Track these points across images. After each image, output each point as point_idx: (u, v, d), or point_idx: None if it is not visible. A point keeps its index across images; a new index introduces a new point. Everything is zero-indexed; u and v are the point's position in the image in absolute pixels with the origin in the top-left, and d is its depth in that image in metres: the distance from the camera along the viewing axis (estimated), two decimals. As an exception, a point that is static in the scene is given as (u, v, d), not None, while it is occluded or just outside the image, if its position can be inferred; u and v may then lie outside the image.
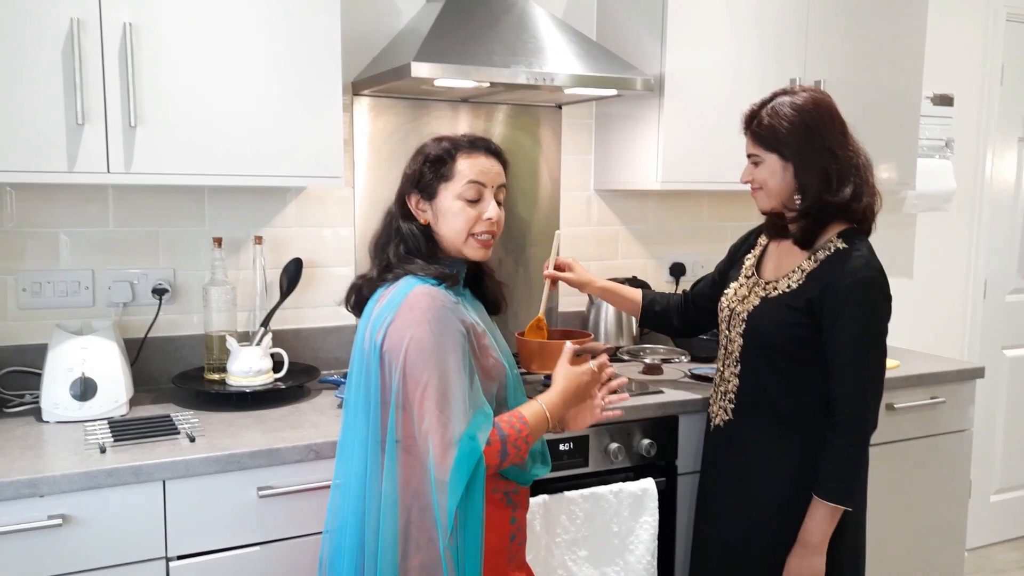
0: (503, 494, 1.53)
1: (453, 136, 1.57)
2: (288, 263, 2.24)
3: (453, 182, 1.51)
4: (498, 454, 1.41)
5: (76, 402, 1.88)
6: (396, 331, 1.42)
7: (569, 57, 2.20)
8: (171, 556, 1.66)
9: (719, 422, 1.94)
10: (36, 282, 2.09)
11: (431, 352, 1.40)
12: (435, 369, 1.39)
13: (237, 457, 1.69)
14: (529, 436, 1.45)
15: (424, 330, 1.40)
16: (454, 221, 1.51)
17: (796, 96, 1.78)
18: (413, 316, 1.42)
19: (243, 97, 1.91)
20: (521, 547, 1.59)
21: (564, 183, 2.71)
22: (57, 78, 1.75)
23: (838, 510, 1.73)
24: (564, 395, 1.55)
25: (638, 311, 2.21)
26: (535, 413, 1.49)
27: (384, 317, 1.45)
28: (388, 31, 2.38)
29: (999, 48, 3.48)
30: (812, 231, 1.78)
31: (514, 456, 1.44)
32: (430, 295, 1.44)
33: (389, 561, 1.44)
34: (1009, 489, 3.76)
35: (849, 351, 1.72)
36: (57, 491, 1.56)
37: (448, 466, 1.37)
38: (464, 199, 1.51)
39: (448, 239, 1.53)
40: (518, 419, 1.46)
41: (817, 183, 1.75)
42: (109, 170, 1.81)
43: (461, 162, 1.52)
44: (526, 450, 1.46)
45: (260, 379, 2.05)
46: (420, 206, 1.54)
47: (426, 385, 1.39)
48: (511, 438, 1.43)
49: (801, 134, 1.75)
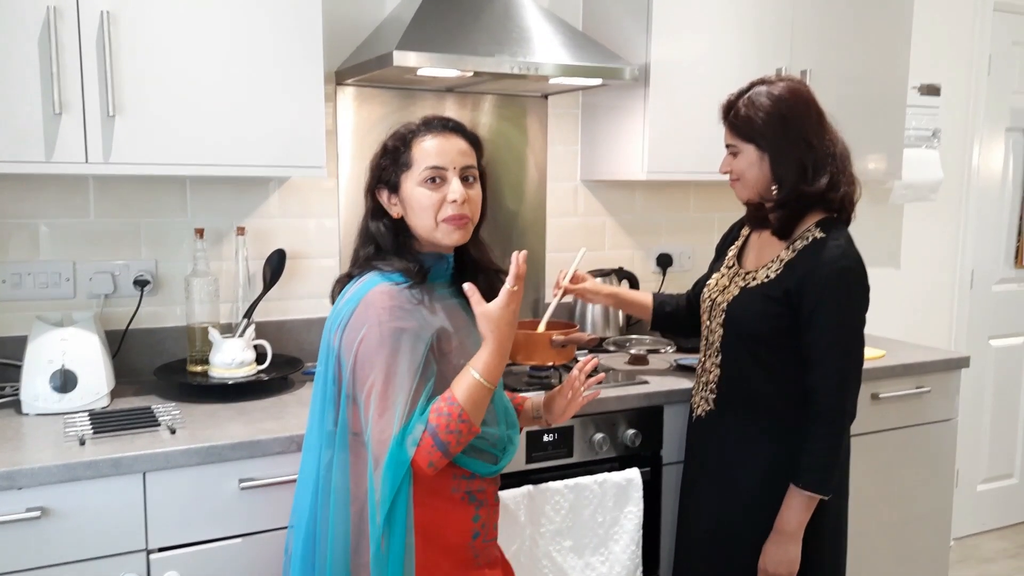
0: (464, 494, 1.47)
1: (412, 121, 1.51)
2: (271, 254, 2.23)
3: (412, 170, 1.45)
4: (434, 448, 1.35)
5: (56, 394, 1.86)
6: (350, 330, 1.40)
7: (555, 46, 2.19)
8: (152, 548, 1.65)
9: (701, 412, 1.94)
10: (16, 273, 2.08)
11: (377, 352, 1.36)
12: (380, 370, 1.36)
13: (218, 449, 1.68)
14: (464, 413, 1.35)
15: (375, 331, 1.37)
16: (420, 210, 1.45)
17: (773, 86, 1.77)
18: (367, 315, 1.38)
19: (224, 86, 1.90)
20: (488, 544, 1.53)
21: (551, 173, 2.70)
22: (34, 67, 1.72)
23: (814, 499, 1.74)
24: (496, 349, 1.39)
25: (648, 314, 2.19)
26: (466, 386, 1.37)
27: (341, 316, 1.43)
28: (371, 20, 2.36)
29: (986, 38, 3.47)
30: (789, 221, 1.78)
31: (457, 440, 1.36)
32: (388, 294, 1.40)
33: (340, 555, 1.42)
34: (995, 478, 3.78)
35: (827, 341, 1.72)
36: (36, 483, 1.54)
37: (380, 469, 1.35)
38: (425, 185, 1.44)
39: (421, 230, 1.47)
40: (446, 402, 1.36)
41: (793, 174, 1.75)
42: (87, 160, 1.79)
43: (416, 148, 1.46)
44: (470, 428, 1.37)
45: (243, 371, 2.04)
46: (391, 200, 1.49)
47: (372, 386, 1.36)
48: (442, 427, 1.34)
49: (777, 124, 1.74)
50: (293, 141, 1.97)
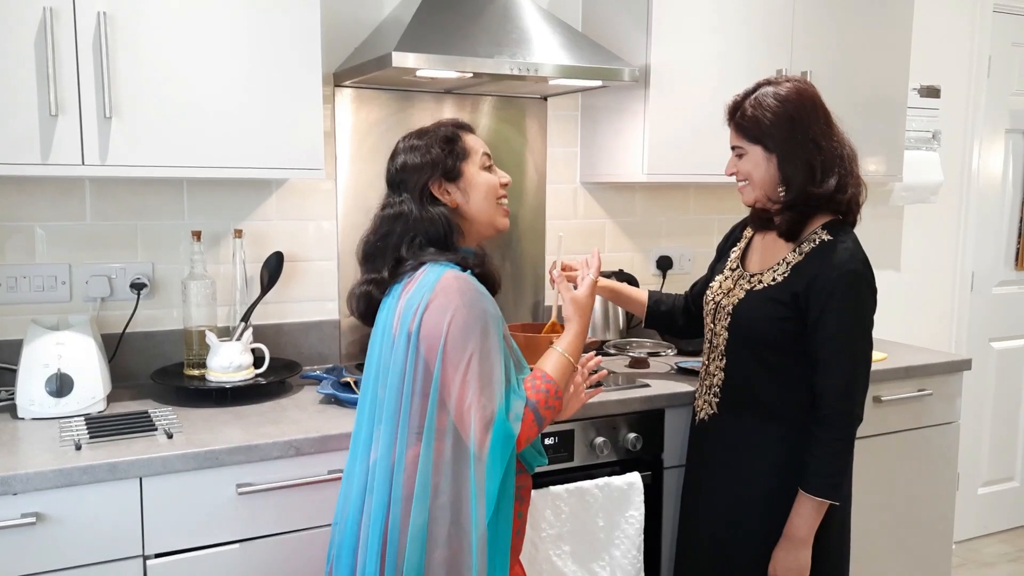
0: (516, 488, 1.50)
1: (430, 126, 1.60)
2: (269, 257, 2.21)
3: (472, 157, 1.56)
4: (535, 423, 1.43)
5: (52, 398, 1.85)
6: (432, 315, 1.40)
7: (554, 48, 2.18)
8: (148, 554, 1.63)
9: (704, 416, 1.92)
10: (11, 276, 2.06)
11: (471, 331, 1.39)
12: (476, 348, 1.39)
13: (216, 453, 1.66)
14: (559, 391, 1.48)
15: (462, 312, 1.39)
16: (486, 192, 1.56)
17: (780, 87, 1.76)
18: (449, 299, 1.40)
19: (221, 88, 1.88)
20: (520, 539, 1.59)
21: (550, 176, 2.69)
22: (30, 69, 1.71)
23: (824, 504, 1.72)
24: (580, 331, 1.57)
25: (643, 310, 2.18)
26: (558, 365, 1.51)
27: (416, 304, 1.42)
28: (370, 21, 2.35)
29: (986, 39, 3.47)
30: (797, 223, 1.77)
31: (552, 416, 1.47)
32: (461, 279, 1.44)
33: (416, 555, 1.41)
34: (996, 481, 3.77)
35: (835, 344, 1.71)
36: (31, 489, 1.53)
37: (486, 446, 1.37)
38: (486, 170, 1.57)
39: (480, 213, 1.56)
40: (542, 380, 1.47)
41: (801, 175, 1.73)
42: (84, 162, 1.77)
43: (466, 138, 1.58)
44: (561, 405, 1.49)
45: (240, 375, 2.02)
46: (444, 189, 1.54)
47: (468, 363, 1.38)
48: (541, 403, 1.44)
49: (785, 126, 1.73)
50: (291, 143, 1.96)
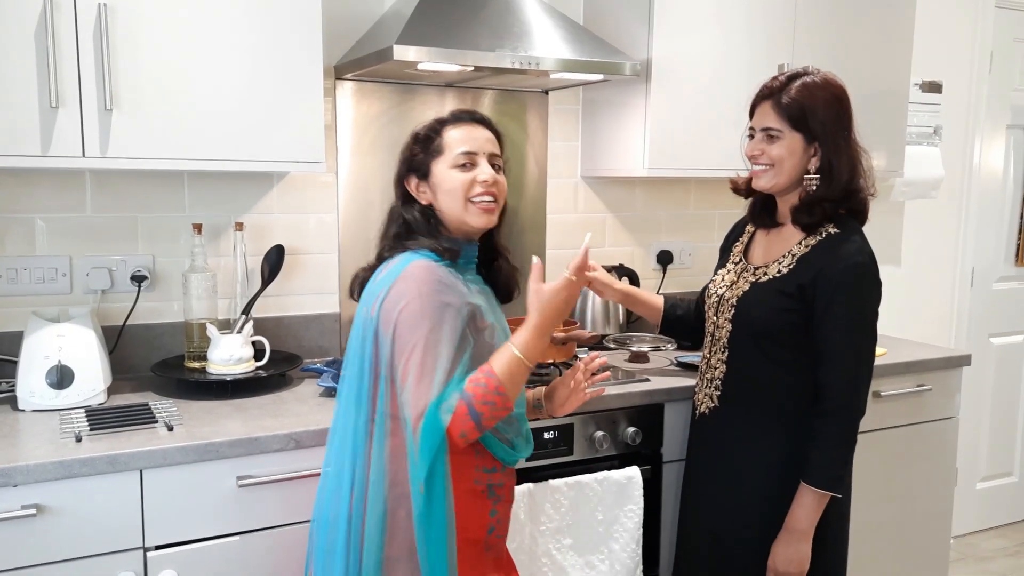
0: (486, 487, 1.50)
1: (441, 115, 1.59)
2: (270, 250, 2.21)
3: (444, 155, 1.52)
4: (468, 418, 1.37)
5: (52, 390, 1.85)
6: (390, 301, 1.42)
7: (556, 41, 2.17)
8: (149, 546, 1.63)
9: (704, 410, 1.92)
10: (12, 268, 2.06)
11: (419, 321, 1.39)
12: (421, 338, 1.38)
13: (216, 446, 1.66)
14: (501, 387, 1.38)
15: (416, 301, 1.40)
16: (451, 191, 1.51)
17: (822, 77, 1.75)
18: (408, 286, 1.41)
19: (223, 80, 1.88)
20: (500, 540, 1.56)
21: (551, 170, 2.68)
22: (30, 60, 1.71)
23: (825, 496, 1.73)
24: (539, 327, 1.43)
25: (658, 316, 2.15)
26: (505, 360, 1.41)
27: (380, 289, 1.45)
28: (371, 14, 2.34)
29: (988, 35, 3.46)
30: (822, 216, 1.75)
31: (491, 413, 1.38)
32: (427, 268, 1.44)
33: (374, 548, 1.43)
34: (995, 477, 3.77)
35: (840, 337, 1.71)
36: (31, 481, 1.53)
37: (417, 438, 1.37)
38: (457, 168, 1.51)
39: (450, 213, 1.52)
40: (484, 373, 1.39)
41: (846, 170, 1.73)
42: (84, 154, 1.77)
43: (448, 135, 1.53)
44: (504, 402, 1.39)
45: (241, 367, 2.02)
46: (420, 188, 1.55)
47: (411, 353, 1.38)
48: (477, 397, 1.37)
49: (834, 118, 1.72)
50: (292, 136, 1.96)
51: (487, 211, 1.52)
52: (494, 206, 1.53)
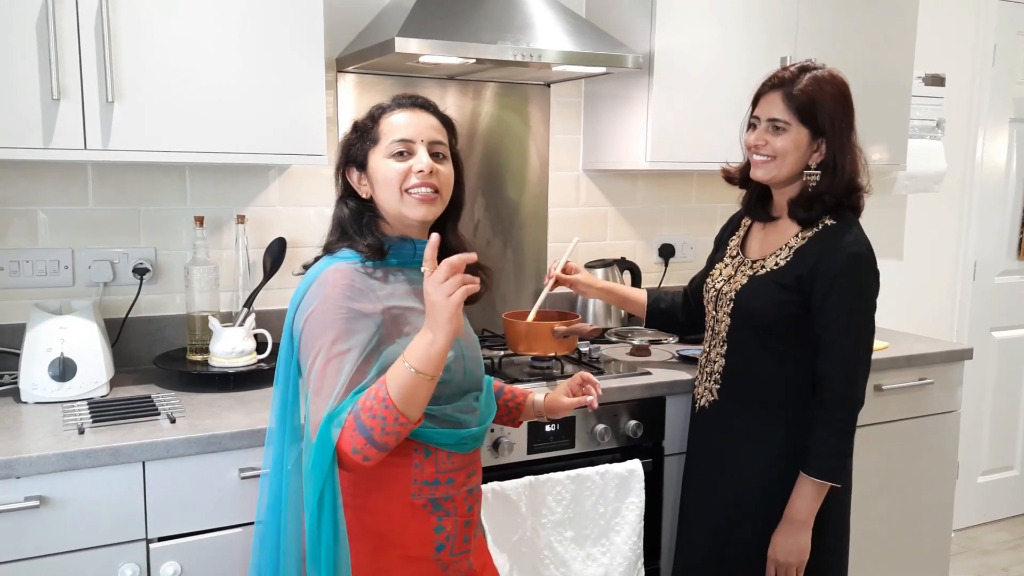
0: (427, 501, 1.39)
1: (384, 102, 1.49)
2: (271, 243, 2.21)
3: (380, 144, 1.42)
4: (356, 432, 1.26)
5: (55, 383, 1.85)
6: (300, 310, 1.38)
7: (558, 34, 2.17)
8: (151, 538, 1.64)
9: (704, 403, 1.93)
10: (14, 261, 2.06)
11: (323, 330, 1.32)
12: (324, 348, 1.31)
13: (219, 438, 1.67)
14: (388, 399, 1.25)
15: (321, 307, 1.33)
16: (384, 183, 1.41)
17: (828, 72, 1.75)
18: (316, 293, 1.35)
19: (224, 73, 1.88)
20: (459, 557, 1.44)
21: (553, 163, 2.68)
22: (32, 52, 1.70)
23: (825, 487, 1.73)
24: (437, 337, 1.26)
25: (643, 311, 2.16)
26: (394, 371, 1.28)
27: (296, 298, 1.41)
28: (373, 6, 2.34)
29: (991, 28, 3.45)
30: (823, 211, 1.75)
31: (383, 428, 1.25)
32: (340, 272, 1.36)
33: (293, 555, 1.40)
34: (996, 470, 3.77)
35: (838, 327, 1.71)
36: (34, 472, 1.53)
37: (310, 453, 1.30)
38: (392, 158, 1.41)
39: (387, 206, 1.42)
40: (377, 386, 1.28)
41: (850, 168, 1.73)
42: (86, 146, 1.77)
43: (384, 123, 1.43)
44: (397, 418, 1.25)
45: (243, 360, 2.03)
46: (360, 180, 1.46)
47: (313, 361, 1.32)
48: (364, 410, 1.26)
49: (841, 113, 1.73)
50: (294, 129, 1.96)
51: (424, 201, 1.40)
52: (433, 196, 1.41)
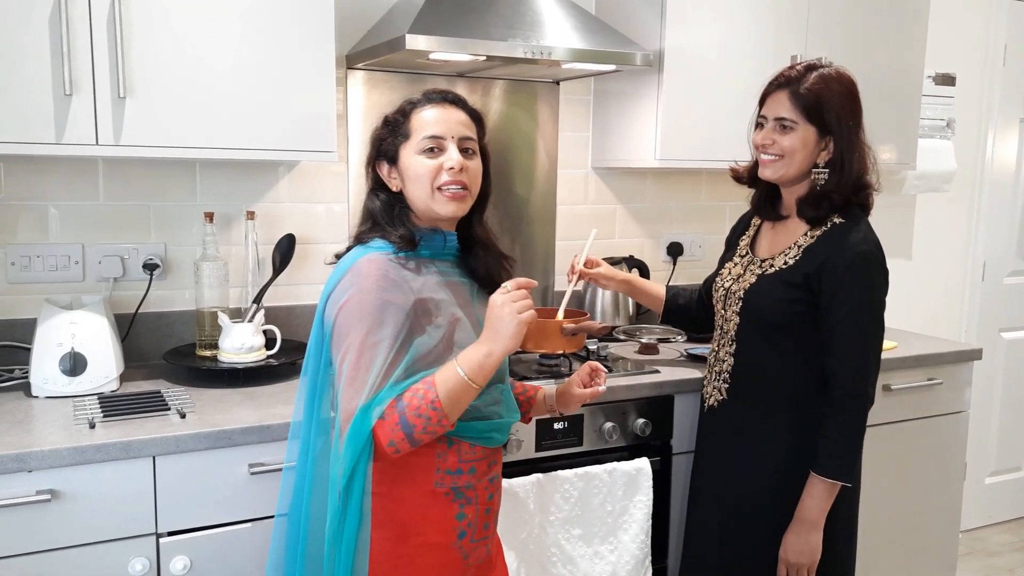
0: (449, 489, 1.41)
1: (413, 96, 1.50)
2: (281, 239, 2.21)
3: (411, 140, 1.43)
4: (398, 427, 1.30)
5: (66, 377, 1.86)
6: (333, 300, 1.39)
7: (568, 31, 2.16)
8: (161, 532, 1.65)
9: (713, 402, 1.92)
10: (25, 256, 2.07)
11: (357, 320, 1.33)
12: (357, 337, 1.33)
13: (228, 433, 1.67)
14: (438, 401, 1.30)
15: (356, 298, 1.34)
16: (416, 179, 1.42)
17: (835, 70, 1.74)
18: (350, 283, 1.37)
19: (235, 70, 1.88)
20: (478, 544, 1.46)
21: (561, 160, 2.68)
22: (44, 48, 1.71)
23: (836, 486, 1.73)
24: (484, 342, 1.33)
25: (660, 306, 2.15)
26: (446, 375, 1.32)
27: (328, 288, 1.42)
28: (383, 3, 2.34)
29: (1002, 28, 3.44)
30: (829, 209, 1.75)
31: (424, 427, 1.30)
32: (374, 263, 1.38)
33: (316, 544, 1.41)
34: (1004, 471, 3.76)
35: (847, 326, 1.70)
36: (46, 466, 1.54)
37: (343, 441, 1.32)
38: (423, 154, 1.42)
39: (418, 201, 1.44)
40: (424, 384, 1.32)
41: (857, 166, 1.73)
42: (98, 142, 1.78)
43: (415, 118, 1.44)
44: (440, 419, 1.31)
45: (252, 356, 2.03)
46: (391, 173, 1.47)
47: (347, 351, 1.33)
48: (411, 408, 1.30)
49: (849, 112, 1.72)
50: (304, 125, 1.96)
51: (455, 199, 1.42)
52: (463, 193, 1.43)
